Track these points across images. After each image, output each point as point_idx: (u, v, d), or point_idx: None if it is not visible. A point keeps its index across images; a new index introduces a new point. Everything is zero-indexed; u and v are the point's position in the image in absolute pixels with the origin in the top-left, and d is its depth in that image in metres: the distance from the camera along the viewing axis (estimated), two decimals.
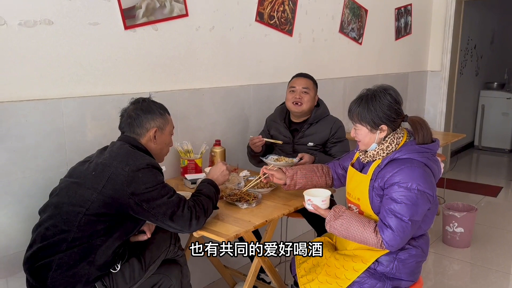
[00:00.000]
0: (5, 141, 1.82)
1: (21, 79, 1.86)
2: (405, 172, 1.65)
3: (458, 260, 3.21)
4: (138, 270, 1.75)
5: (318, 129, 2.57)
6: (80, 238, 1.58)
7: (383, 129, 1.74)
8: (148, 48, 2.30)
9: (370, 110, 1.73)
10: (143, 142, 1.79)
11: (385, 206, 1.67)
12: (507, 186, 4.99)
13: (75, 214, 1.59)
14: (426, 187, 1.65)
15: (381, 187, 1.72)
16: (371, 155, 1.79)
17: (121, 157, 1.64)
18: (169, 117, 1.89)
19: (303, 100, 2.53)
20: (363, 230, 1.68)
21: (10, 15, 1.79)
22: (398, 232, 1.63)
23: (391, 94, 1.74)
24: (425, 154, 1.72)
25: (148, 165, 1.64)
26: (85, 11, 2.02)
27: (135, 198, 1.58)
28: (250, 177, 2.36)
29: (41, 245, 1.60)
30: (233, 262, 2.92)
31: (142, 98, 1.86)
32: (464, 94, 6.09)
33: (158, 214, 1.61)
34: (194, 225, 1.67)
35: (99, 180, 1.60)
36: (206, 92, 2.63)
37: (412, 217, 1.64)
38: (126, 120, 1.80)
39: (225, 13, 2.66)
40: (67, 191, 1.66)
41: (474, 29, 6.15)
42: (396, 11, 4.34)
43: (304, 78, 2.59)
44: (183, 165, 2.45)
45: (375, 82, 4.21)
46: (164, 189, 1.65)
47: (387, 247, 1.65)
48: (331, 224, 1.75)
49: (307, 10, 3.25)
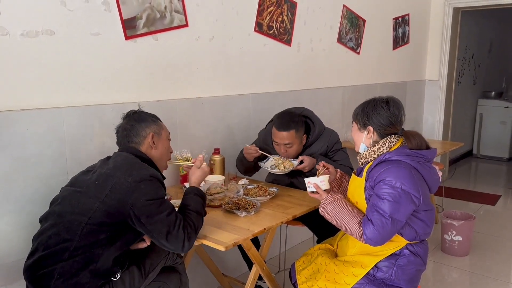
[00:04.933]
0: (7, 149, 1.84)
1: (23, 88, 1.89)
2: (391, 171, 1.72)
3: (457, 269, 3.22)
4: (138, 277, 1.76)
5: (315, 149, 2.52)
6: (82, 247, 1.59)
7: (369, 130, 1.85)
8: (149, 57, 2.33)
9: (364, 111, 1.86)
10: (143, 150, 1.80)
11: (370, 202, 1.75)
12: (506, 194, 5.00)
13: (77, 223, 1.60)
14: (411, 188, 1.70)
15: (371, 186, 1.78)
16: (364, 156, 1.87)
17: (125, 167, 1.66)
18: (162, 123, 1.90)
19: (289, 153, 2.45)
20: (350, 219, 1.76)
21: (13, 25, 1.82)
22: (377, 227, 1.68)
23: (390, 106, 1.84)
24: (414, 158, 1.77)
25: (151, 177, 1.65)
26: (87, 21, 2.05)
27: (135, 210, 1.59)
28: (249, 185, 2.38)
29: (43, 253, 1.61)
30: (231, 270, 2.93)
31: (133, 111, 1.87)
32: (462, 103, 6.12)
33: (154, 231, 1.61)
34: (186, 247, 1.66)
35: (102, 189, 1.61)
36: (205, 101, 2.66)
37: (392, 215, 1.68)
38: (122, 133, 1.82)
39: (225, 23, 2.69)
40: (69, 200, 1.67)
41: (472, 38, 6.20)
42: (393, 21, 4.38)
43: (283, 132, 2.39)
44: (182, 173, 2.47)
45: (373, 91, 4.27)
46: (164, 205, 1.64)
47: (366, 240, 1.71)
48: (324, 206, 1.85)
49: (305, 20, 3.29)
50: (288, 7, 3.11)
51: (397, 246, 1.81)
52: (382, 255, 1.81)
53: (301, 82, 3.34)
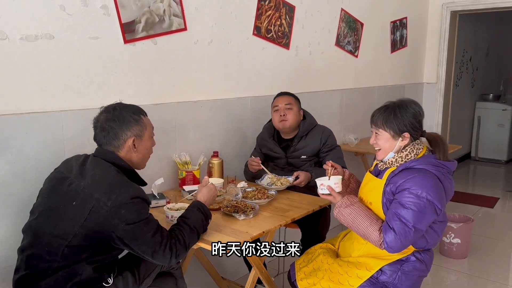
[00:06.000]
0: (6, 153, 1.84)
1: (22, 92, 1.89)
2: (417, 180, 1.69)
3: (455, 271, 3.22)
4: (132, 283, 1.73)
5: (309, 141, 2.63)
6: (64, 266, 1.55)
7: (405, 136, 1.79)
8: (147, 61, 2.34)
9: (397, 116, 1.79)
10: (122, 155, 1.69)
11: (393, 209, 1.71)
12: (504, 197, 5.01)
13: (57, 245, 1.55)
14: (435, 198, 1.68)
15: (392, 192, 1.75)
16: (389, 162, 1.82)
17: (104, 188, 1.55)
18: (145, 119, 1.75)
19: (288, 117, 2.59)
20: (369, 225, 1.71)
21: (12, 29, 1.83)
22: (400, 235, 1.65)
23: (417, 105, 1.84)
24: (440, 168, 1.75)
25: (132, 199, 1.54)
26: (86, 25, 2.06)
27: (117, 233, 1.52)
28: (248, 188, 2.38)
29: (25, 273, 1.59)
30: (230, 273, 2.93)
31: (113, 106, 1.71)
32: (460, 106, 6.14)
33: (138, 251, 1.57)
34: (173, 262, 1.62)
35: (80, 212, 1.53)
36: (204, 104, 2.67)
37: (416, 224, 1.66)
38: (101, 133, 1.68)
39: (223, 27, 2.70)
40: (47, 219, 1.61)
41: (470, 41, 6.22)
42: (391, 24, 4.40)
43: (284, 95, 2.67)
44: (181, 177, 2.47)
45: (372, 94, 4.27)
46: (147, 226, 1.56)
47: (386, 248, 1.68)
48: (340, 210, 1.79)
49: (303, 24, 3.30)
50: (286, 10, 3.12)
51: (405, 252, 1.81)
52: (389, 259, 1.81)
53: (299, 85, 3.35)
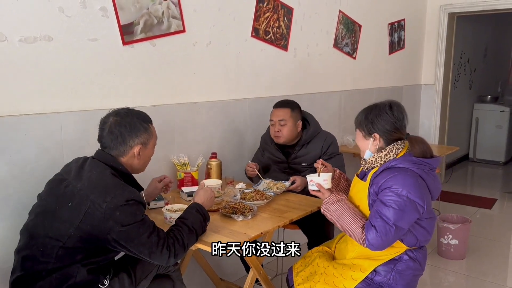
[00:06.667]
0: (5, 154, 1.85)
1: (21, 93, 1.90)
2: (398, 178, 1.72)
3: (453, 272, 3.23)
4: (128, 285, 1.72)
5: (310, 149, 2.58)
6: (59, 267, 1.56)
7: (375, 137, 1.83)
8: (146, 63, 2.34)
9: (367, 118, 1.85)
10: (124, 161, 1.70)
11: (375, 208, 1.75)
12: (502, 198, 5.02)
13: (51, 247, 1.55)
14: (417, 196, 1.70)
15: (376, 192, 1.78)
16: (370, 162, 1.86)
17: (99, 190, 1.55)
18: (152, 128, 1.79)
19: (282, 133, 2.54)
20: (353, 222, 1.75)
21: (11, 31, 1.83)
22: (381, 233, 1.68)
23: (393, 110, 1.83)
24: (421, 166, 1.77)
25: (127, 201, 1.55)
26: (84, 27, 2.06)
27: (113, 235, 1.53)
28: (246, 189, 2.39)
29: (21, 274, 1.60)
30: (229, 274, 2.93)
31: (125, 111, 1.74)
32: (458, 107, 6.15)
33: (135, 252, 1.57)
34: (172, 261, 1.63)
35: (76, 214, 1.54)
36: (203, 105, 2.67)
37: (396, 222, 1.69)
38: (108, 136, 1.69)
39: (222, 29, 2.71)
40: (42, 220, 1.62)
41: (467, 43, 6.24)
42: (389, 26, 4.41)
43: (280, 109, 2.56)
44: (179, 178, 2.47)
45: (370, 96, 4.28)
46: (143, 227, 1.57)
47: (368, 246, 1.71)
48: (327, 206, 1.84)
49: (301, 25, 3.31)
50: (284, 12, 3.13)
51: (397, 251, 1.82)
52: (382, 259, 1.82)
53: (297, 87, 3.36)
